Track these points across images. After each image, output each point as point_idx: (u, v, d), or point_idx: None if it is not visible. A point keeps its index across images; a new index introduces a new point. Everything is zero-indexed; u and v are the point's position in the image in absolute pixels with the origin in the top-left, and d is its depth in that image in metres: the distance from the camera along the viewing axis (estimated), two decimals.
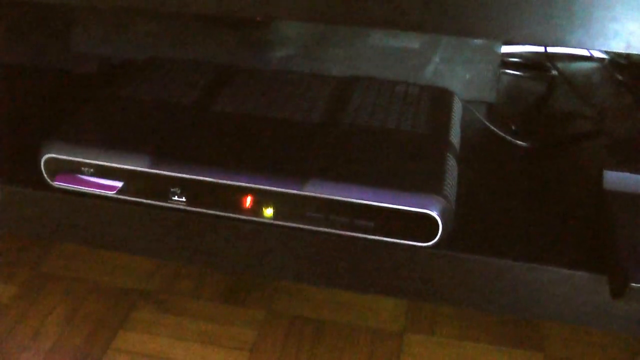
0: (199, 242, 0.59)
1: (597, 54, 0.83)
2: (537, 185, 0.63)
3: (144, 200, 0.58)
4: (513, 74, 0.81)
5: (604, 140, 0.70)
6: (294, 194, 0.54)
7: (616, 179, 0.57)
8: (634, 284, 0.48)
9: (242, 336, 0.69)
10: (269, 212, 0.56)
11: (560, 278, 0.55)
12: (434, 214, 0.52)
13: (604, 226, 0.55)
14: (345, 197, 0.53)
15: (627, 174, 0.57)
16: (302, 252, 0.57)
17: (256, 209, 0.56)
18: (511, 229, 0.58)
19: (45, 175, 0.60)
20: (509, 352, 0.67)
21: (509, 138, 0.68)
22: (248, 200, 0.56)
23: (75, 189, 0.59)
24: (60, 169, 0.59)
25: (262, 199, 0.55)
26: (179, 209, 0.58)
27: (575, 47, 0.63)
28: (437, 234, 0.53)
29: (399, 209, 0.52)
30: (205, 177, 0.56)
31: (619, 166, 0.58)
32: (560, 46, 0.46)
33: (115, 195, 0.59)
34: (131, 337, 0.69)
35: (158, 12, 0.76)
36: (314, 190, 0.54)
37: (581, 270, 0.54)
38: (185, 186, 0.56)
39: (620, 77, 0.81)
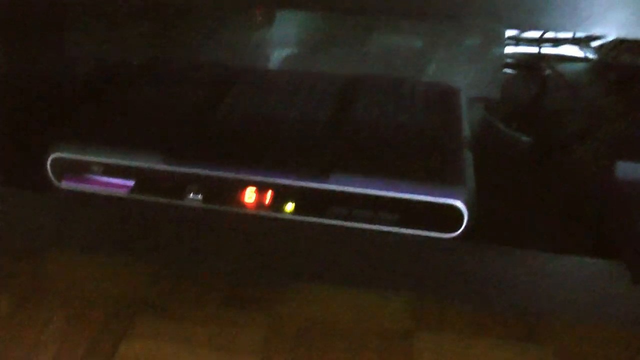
0: (216, 242, 0.58)
1: (587, 55, 0.86)
2: (545, 178, 0.64)
3: (158, 199, 0.57)
4: (509, 73, 0.82)
5: (603, 135, 0.71)
6: (316, 188, 0.54)
7: (629, 169, 0.58)
8: None
9: (251, 340, 0.67)
10: (289, 207, 0.55)
11: (577, 267, 0.55)
12: (460, 204, 0.52)
13: (620, 215, 0.56)
14: (370, 190, 0.53)
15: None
16: (324, 249, 0.56)
17: (277, 205, 0.55)
18: (526, 220, 0.59)
19: (51, 177, 0.58)
20: (519, 347, 0.67)
21: (512, 133, 0.69)
22: (268, 196, 0.55)
23: (85, 189, 0.58)
24: (68, 169, 0.58)
25: (283, 194, 0.55)
26: (195, 208, 0.56)
27: (562, 31, 0.64)
28: (462, 225, 0.53)
29: (425, 201, 0.52)
30: (224, 173, 0.55)
31: (631, 157, 0.59)
32: (548, 29, 0.48)
33: (127, 195, 0.57)
34: (136, 344, 0.66)
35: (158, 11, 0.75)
36: (337, 184, 0.53)
37: (599, 258, 0.55)
38: (203, 183, 0.55)
39: (609, 77, 0.83)
